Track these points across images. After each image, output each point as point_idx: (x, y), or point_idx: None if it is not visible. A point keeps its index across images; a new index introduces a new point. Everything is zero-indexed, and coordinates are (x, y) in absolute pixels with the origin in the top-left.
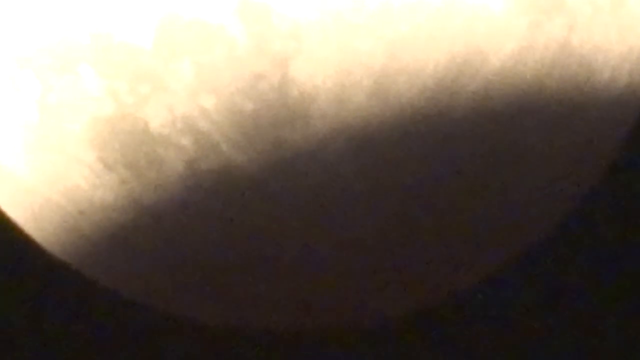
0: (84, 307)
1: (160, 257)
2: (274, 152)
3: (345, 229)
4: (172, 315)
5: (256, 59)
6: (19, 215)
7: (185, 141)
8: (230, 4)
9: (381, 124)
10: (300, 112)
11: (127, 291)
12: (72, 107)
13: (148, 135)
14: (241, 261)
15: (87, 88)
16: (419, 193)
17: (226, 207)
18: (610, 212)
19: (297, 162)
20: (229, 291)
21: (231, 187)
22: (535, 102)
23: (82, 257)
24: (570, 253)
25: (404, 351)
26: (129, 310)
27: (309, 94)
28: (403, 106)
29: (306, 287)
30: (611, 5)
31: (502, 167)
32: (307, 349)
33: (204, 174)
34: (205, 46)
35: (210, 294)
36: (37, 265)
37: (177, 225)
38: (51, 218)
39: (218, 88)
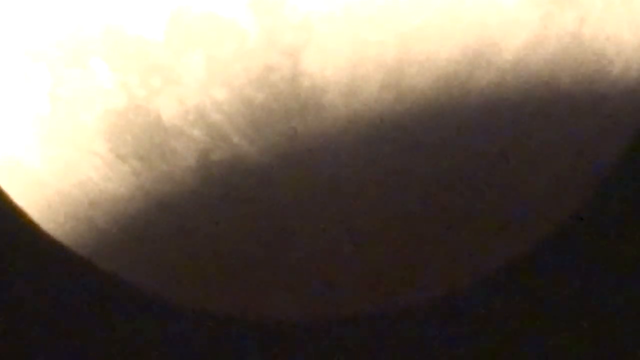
0: (96, 298)
1: (171, 248)
2: (285, 143)
3: (356, 220)
4: (185, 306)
5: (267, 51)
6: (31, 207)
7: (197, 133)
8: None
9: (392, 116)
10: (311, 103)
11: (138, 281)
12: (83, 99)
13: (160, 127)
14: (252, 252)
15: (99, 81)
16: (430, 185)
17: (237, 198)
18: (619, 207)
19: (308, 154)
20: (241, 282)
21: (242, 178)
22: (547, 94)
23: (94, 248)
24: (579, 250)
25: (408, 344)
26: (140, 300)
27: (320, 86)
28: (414, 98)
29: (317, 278)
30: None
31: (514, 159)
32: (316, 339)
33: (216, 165)
34: (216, 38)
35: (222, 285)
36: (48, 257)
37: (188, 216)
38: (63, 209)
39: (229, 80)
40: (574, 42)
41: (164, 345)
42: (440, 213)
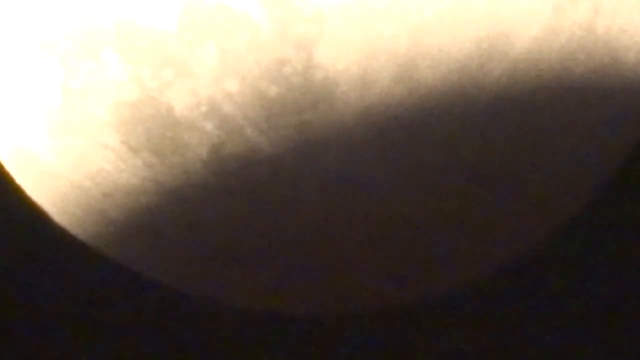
0: (108, 290)
1: (182, 240)
2: (297, 136)
3: (367, 213)
4: (196, 298)
5: (280, 43)
6: (43, 199)
7: (210, 125)
8: None
9: (405, 108)
10: (323, 96)
11: (150, 274)
12: (96, 91)
13: (172, 119)
14: (264, 244)
15: (111, 73)
16: (442, 178)
17: (250, 191)
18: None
19: (321, 146)
20: (252, 274)
21: (255, 170)
22: (560, 86)
23: (106, 240)
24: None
25: (409, 339)
26: (152, 292)
27: (332, 79)
28: (427, 91)
29: (328, 271)
30: None
31: (526, 151)
32: (324, 333)
33: (228, 158)
34: (229, 31)
35: (234, 277)
36: (60, 248)
37: (201, 208)
38: (75, 201)
39: (242, 72)
40: (587, 34)
41: (173, 337)
42: (452, 204)
